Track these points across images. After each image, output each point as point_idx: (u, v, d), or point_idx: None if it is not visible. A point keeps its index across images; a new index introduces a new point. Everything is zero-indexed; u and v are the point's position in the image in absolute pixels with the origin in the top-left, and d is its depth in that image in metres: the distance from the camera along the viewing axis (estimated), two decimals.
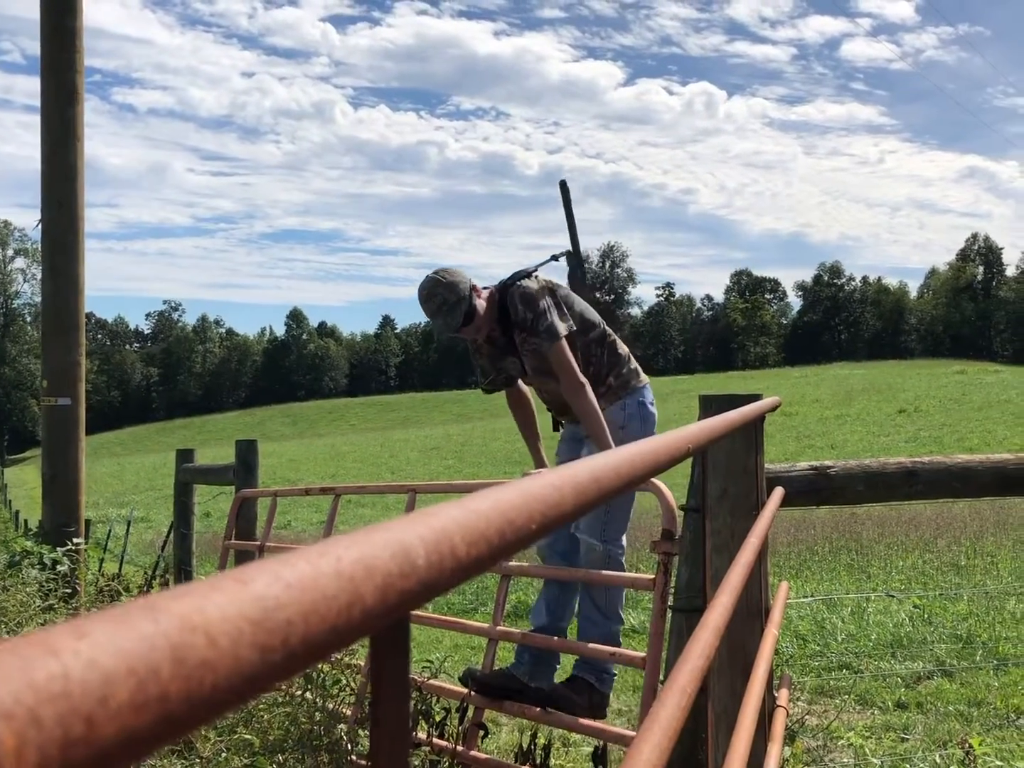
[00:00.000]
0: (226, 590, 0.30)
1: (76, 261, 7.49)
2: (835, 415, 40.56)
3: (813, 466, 3.70)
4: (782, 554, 12.28)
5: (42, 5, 7.39)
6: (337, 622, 0.34)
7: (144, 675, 0.25)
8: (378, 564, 0.38)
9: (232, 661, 0.28)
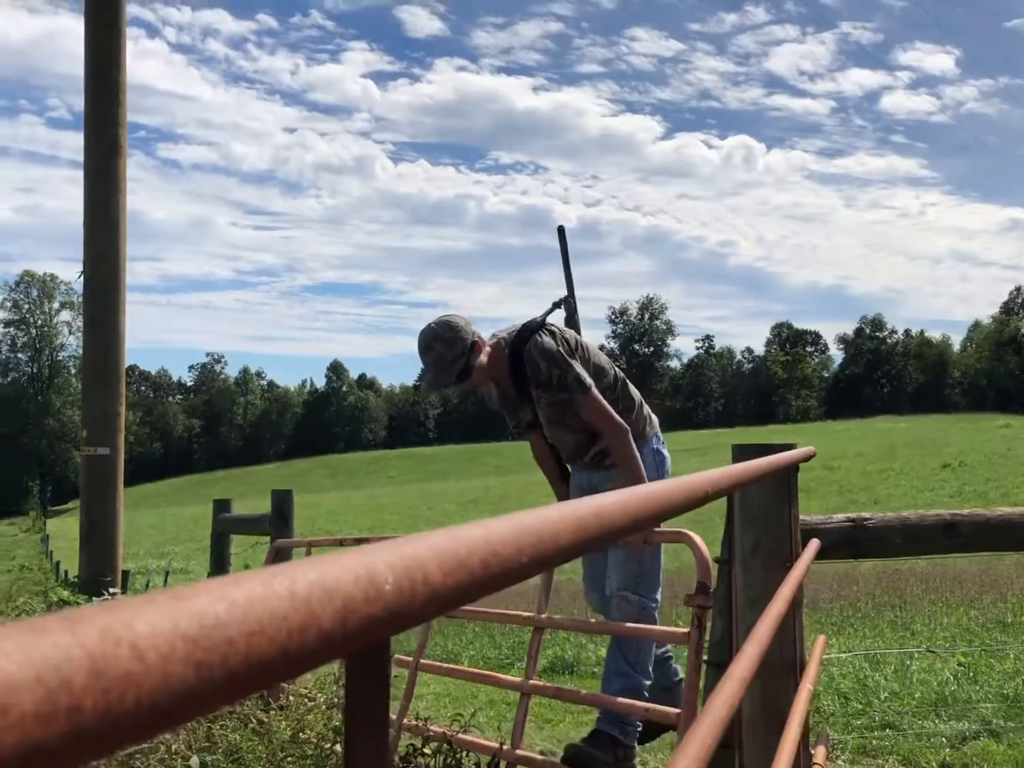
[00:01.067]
0: (160, 605, 0.29)
1: (117, 312, 7.58)
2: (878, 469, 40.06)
3: (850, 518, 3.64)
4: (823, 610, 12.08)
5: (87, 61, 7.56)
6: (288, 645, 0.33)
7: (54, 685, 0.24)
8: (339, 587, 0.37)
9: (160, 677, 0.27)
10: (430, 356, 4.01)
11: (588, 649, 9.95)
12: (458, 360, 3.99)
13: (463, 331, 4.05)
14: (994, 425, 55.15)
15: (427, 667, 4.91)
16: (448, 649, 10.94)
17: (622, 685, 4.06)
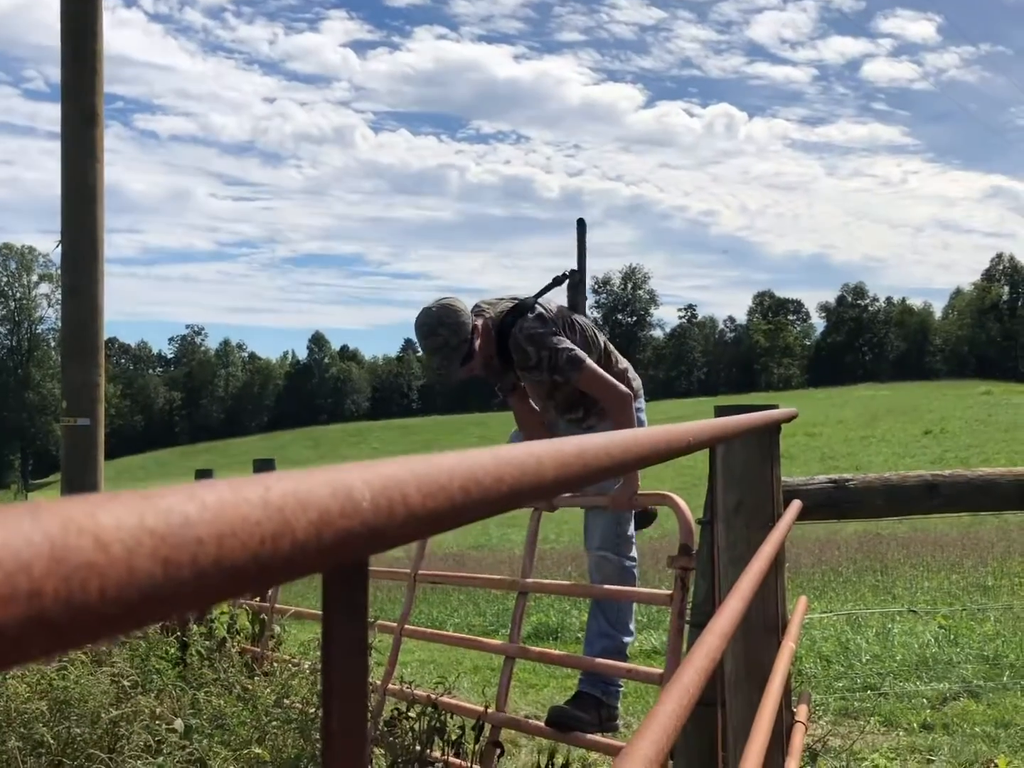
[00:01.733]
0: (126, 500, 0.28)
1: (95, 282, 7.52)
2: (860, 436, 40.31)
3: (832, 479, 3.65)
4: (805, 574, 12.17)
5: (63, 29, 7.46)
6: (260, 551, 0.32)
7: (12, 568, 0.23)
8: (313, 500, 0.36)
9: (125, 570, 0.26)
10: (434, 342, 3.93)
11: (572, 615, 10.01)
12: (462, 345, 3.93)
13: (464, 315, 3.98)
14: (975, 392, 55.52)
15: (411, 633, 4.92)
16: (433, 616, 10.98)
17: (604, 646, 4.08)
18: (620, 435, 0.87)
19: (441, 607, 11.91)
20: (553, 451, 0.66)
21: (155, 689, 4.27)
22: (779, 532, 2.56)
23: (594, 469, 0.75)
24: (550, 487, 0.64)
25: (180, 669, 4.74)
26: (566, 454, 0.68)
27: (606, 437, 0.81)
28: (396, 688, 4.34)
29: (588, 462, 0.72)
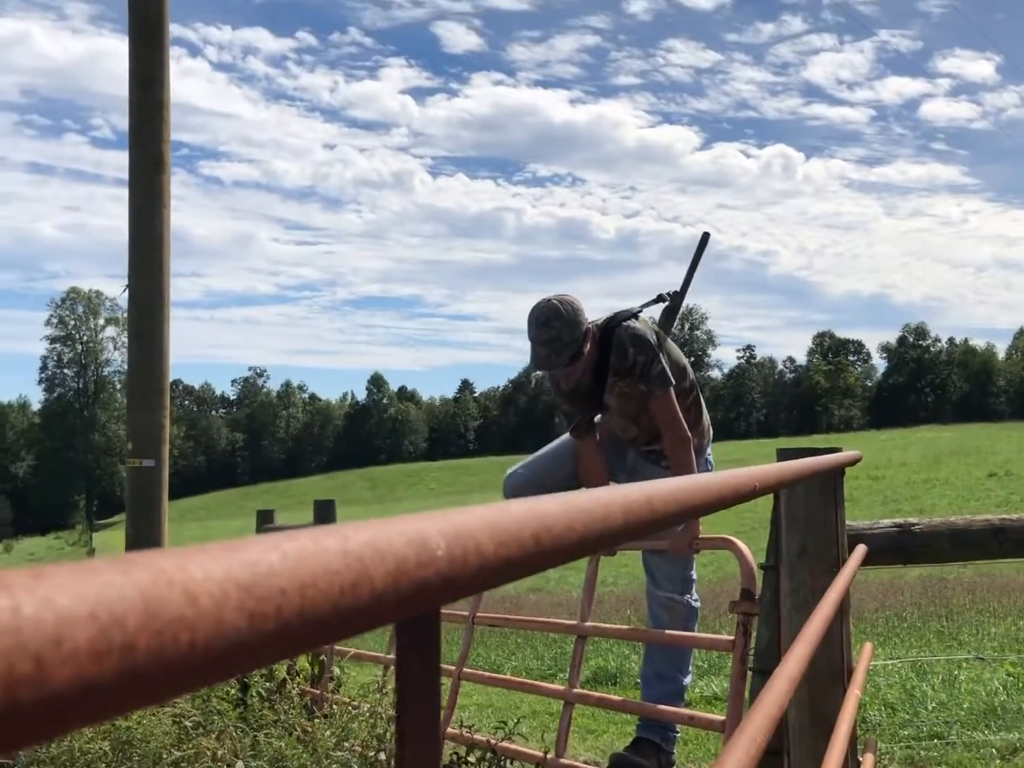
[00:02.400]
0: (213, 553, 0.28)
1: (161, 325, 7.65)
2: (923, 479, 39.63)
3: (897, 523, 3.60)
4: (868, 620, 11.94)
5: (131, 79, 7.65)
6: (340, 600, 0.32)
7: (107, 622, 0.23)
8: (391, 549, 0.36)
9: (214, 622, 0.26)
10: (547, 333, 3.84)
11: (631, 660, 9.90)
12: (573, 344, 3.85)
13: (582, 315, 3.91)
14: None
15: (470, 676, 4.90)
16: (491, 660, 10.92)
17: (664, 689, 4.02)
18: (687, 481, 0.86)
19: (499, 650, 11.85)
20: (621, 498, 0.66)
21: (216, 730, 4.29)
22: (844, 578, 2.53)
23: (661, 516, 0.75)
24: (619, 534, 0.64)
25: (241, 710, 4.76)
26: (633, 501, 0.68)
27: (673, 483, 0.81)
28: (455, 732, 4.32)
29: (656, 509, 0.72)
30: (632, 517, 0.66)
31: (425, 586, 0.38)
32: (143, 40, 7.72)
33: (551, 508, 0.53)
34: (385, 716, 4.24)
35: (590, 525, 0.57)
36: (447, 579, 0.39)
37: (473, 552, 0.42)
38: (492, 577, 0.44)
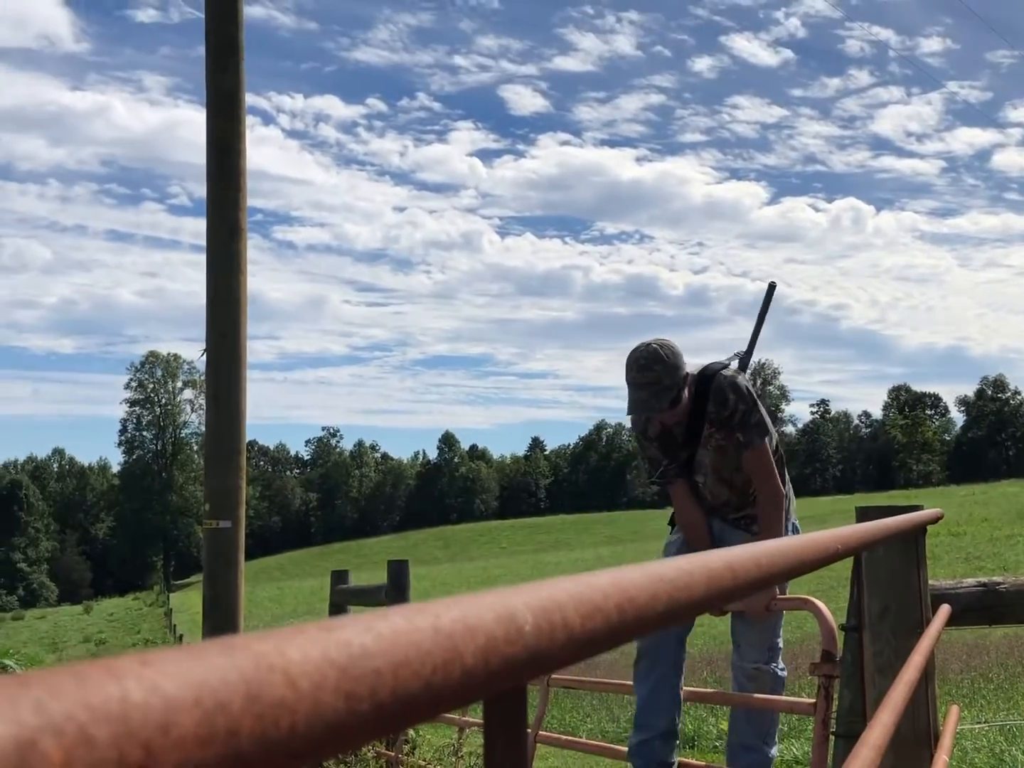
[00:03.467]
0: (309, 634, 0.29)
1: (238, 388, 7.77)
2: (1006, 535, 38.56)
3: (982, 582, 3.51)
4: (953, 681, 11.60)
5: (208, 148, 7.86)
6: (432, 679, 0.32)
7: (212, 708, 0.24)
8: (480, 626, 0.36)
9: (312, 705, 0.27)
10: (647, 377, 3.75)
11: (709, 723, 9.72)
12: (673, 388, 3.76)
13: (682, 360, 3.83)
14: None
15: (545, 739, 4.84)
16: (565, 722, 10.79)
17: (750, 760, 3.92)
18: (768, 546, 0.85)
19: (573, 712, 11.70)
20: (702, 566, 0.65)
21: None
22: (928, 639, 2.47)
23: (743, 582, 0.74)
24: (701, 602, 0.63)
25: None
26: (714, 569, 0.67)
27: (754, 548, 0.80)
28: None
29: (738, 575, 0.71)
30: (714, 585, 0.65)
31: (513, 662, 0.38)
32: (220, 110, 7.93)
33: (635, 578, 0.53)
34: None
35: (673, 595, 0.57)
36: (534, 654, 0.39)
37: (560, 626, 0.42)
38: (578, 650, 0.44)
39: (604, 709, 11.65)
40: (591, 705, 12.12)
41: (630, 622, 0.50)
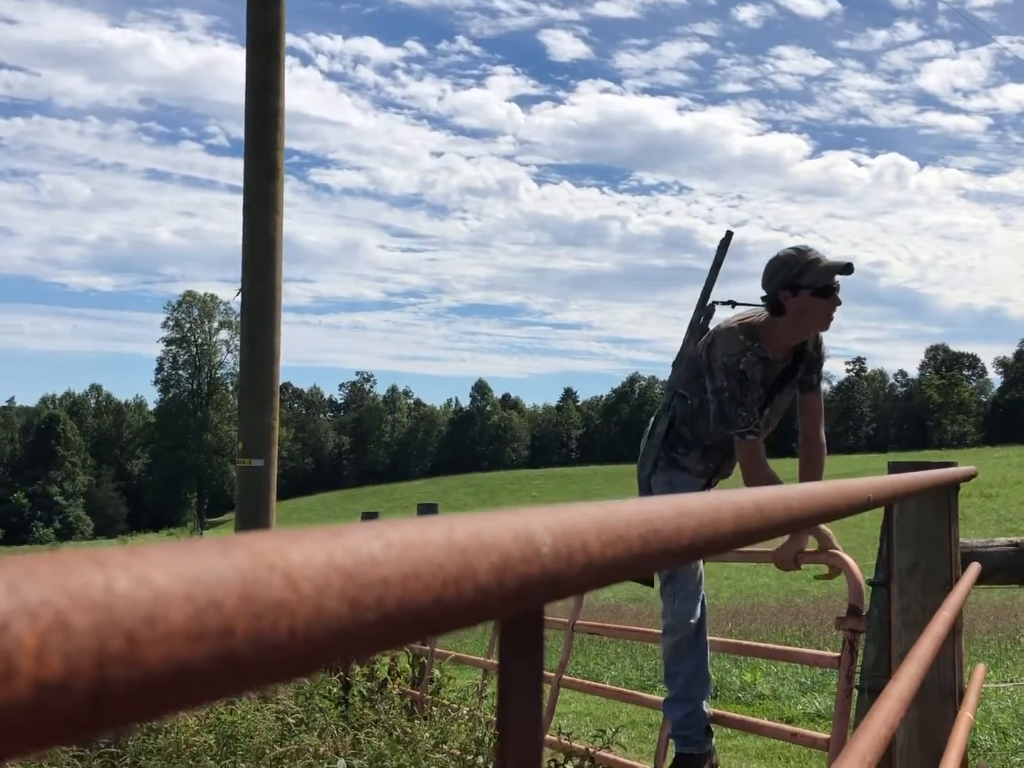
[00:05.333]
0: (315, 537, 0.27)
1: (272, 329, 7.80)
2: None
3: (1013, 542, 3.48)
4: (980, 641, 11.58)
5: (247, 88, 7.82)
6: (443, 594, 0.31)
7: (204, 604, 0.23)
8: (496, 543, 0.35)
9: (314, 609, 0.26)
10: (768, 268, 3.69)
11: (732, 673, 9.76)
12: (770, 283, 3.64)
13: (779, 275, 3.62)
14: None
15: (569, 683, 4.87)
16: (589, 668, 10.87)
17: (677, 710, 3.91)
18: (798, 489, 0.83)
19: (598, 659, 11.79)
20: (731, 502, 0.63)
21: (318, 728, 4.34)
22: (957, 596, 2.45)
23: (771, 524, 0.72)
24: (728, 540, 0.61)
25: (342, 709, 4.81)
26: (743, 506, 0.66)
27: (784, 490, 0.78)
28: (554, 739, 4.30)
29: (767, 515, 0.70)
30: (743, 523, 0.64)
31: (530, 583, 0.36)
32: (260, 50, 7.89)
33: (660, 510, 0.51)
34: (484, 720, 4.24)
35: (699, 530, 0.55)
36: (552, 577, 0.38)
37: (579, 551, 0.40)
38: (598, 577, 0.43)
39: (628, 657, 11.72)
40: (615, 652, 12.20)
41: (653, 553, 0.48)
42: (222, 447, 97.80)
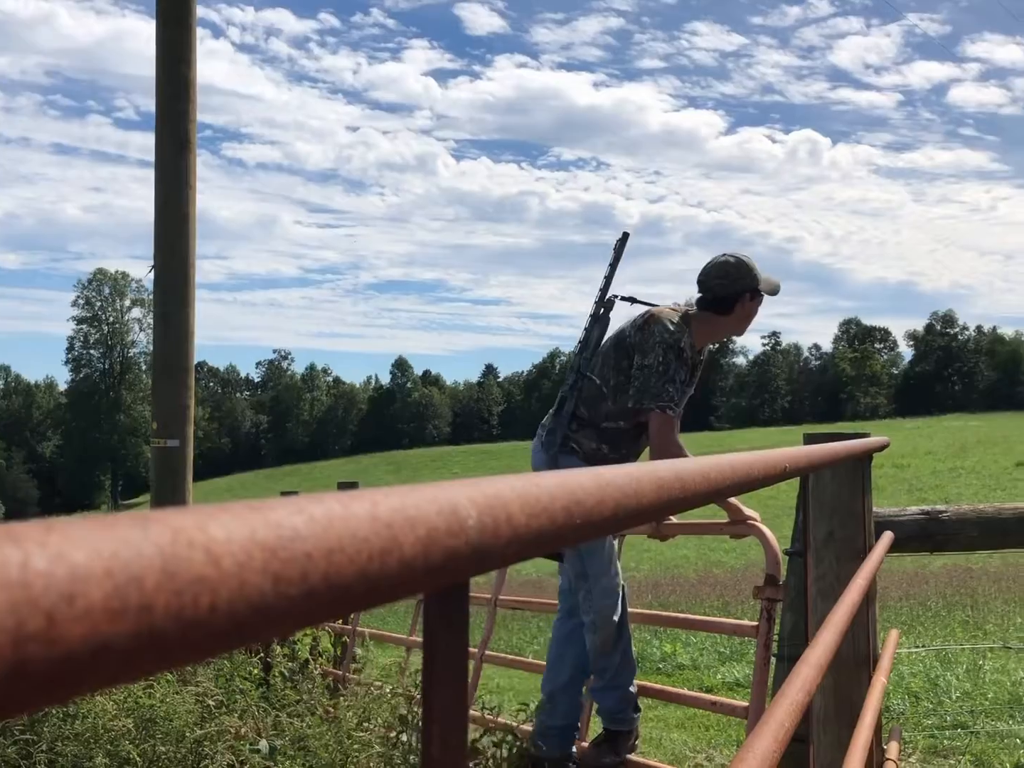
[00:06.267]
0: (236, 512, 0.27)
1: (186, 306, 7.67)
2: (948, 468, 39.39)
3: (924, 511, 3.57)
4: (893, 608, 11.89)
5: (158, 58, 7.66)
6: (368, 567, 0.31)
7: (124, 581, 0.22)
8: (421, 517, 0.35)
9: (237, 584, 0.25)
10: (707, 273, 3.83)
11: (652, 645, 9.90)
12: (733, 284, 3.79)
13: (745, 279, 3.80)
14: None
15: (492, 659, 4.90)
16: (512, 643, 10.95)
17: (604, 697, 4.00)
18: (718, 459, 0.85)
19: (521, 633, 11.87)
20: (651, 474, 0.64)
21: (239, 709, 4.31)
22: (871, 564, 2.50)
23: (692, 494, 0.73)
24: (650, 510, 0.62)
25: (263, 690, 4.78)
26: (664, 478, 0.66)
27: (704, 461, 0.79)
28: (477, 714, 4.33)
29: (687, 485, 0.70)
30: (663, 494, 0.65)
31: (455, 556, 0.36)
32: (170, 20, 7.72)
33: (583, 482, 0.51)
34: (408, 697, 4.25)
35: (622, 501, 0.55)
36: (477, 549, 0.38)
37: (504, 523, 0.40)
38: (523, 549, 0.43)
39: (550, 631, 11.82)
40: (538, 627, 12.29)
41: (577, 524, 0.49)
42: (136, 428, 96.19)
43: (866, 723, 2.31)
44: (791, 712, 1.16)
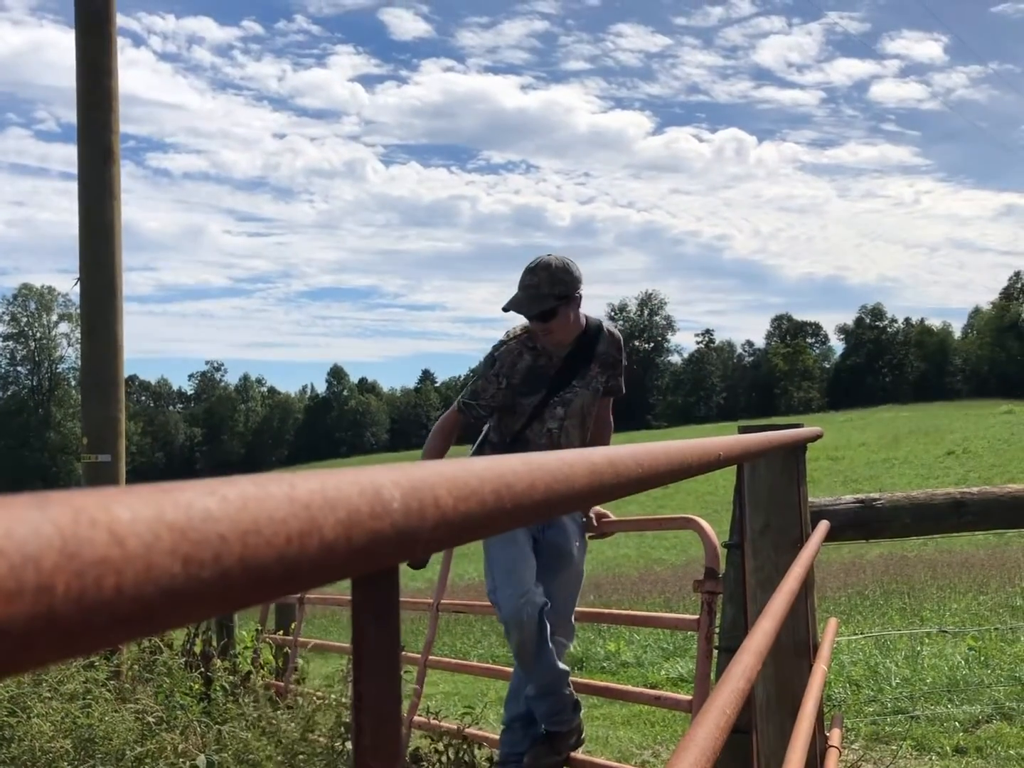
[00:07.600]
0: (142, 493, 0.26)
1: (114, 319, 7.54)
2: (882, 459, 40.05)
3: (859, 499, 3.62)
4: (831, 598, 12.05)
5: (78, 69, 7.53)
6: (287, 550, 0.30)
7: (19, 561, 0.21)
8: (341, 498, 0.34)
9: (143, 566, 0.24)
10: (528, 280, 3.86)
11: (596, 644, 9.93)
12: (551, 299, 3.84)
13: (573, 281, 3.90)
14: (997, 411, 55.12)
15: (435, 663, 4.88)
16: (456, 648, 10.91)
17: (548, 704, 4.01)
18: (652, 446, 0.84)
19: (464, 638, 11.84)
20: (584, 459, 0.64)
21: (180, 725, 4.24)
22: (808, 553, 2.53)
23: (624, 480, 0.73)
24: (582, 496, 0.62)
25: (204, 704, 4.71)
26: (597, 463, 0.66)
27: (638, 448, 0.79)
28: (423, 720, 4.30)
29: (620, 472, 0.70)
30: (596, 479, 0.64)
31: (380, 539, 0.35)
32: (90, 29, 7.59)
33: (513, 466, 0.51)
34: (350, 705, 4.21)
35: (552, 485, 0.55)
36: (403, 532, 0.37)
37: (431, 505, 0.40)
38: (452, 533, 0.42)
39: (494, 634, 11.80)
40: (481, 631, 12.27)
41: (508, 508, 0.48)
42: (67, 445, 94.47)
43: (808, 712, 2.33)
44: (732, 699, 1.16)
